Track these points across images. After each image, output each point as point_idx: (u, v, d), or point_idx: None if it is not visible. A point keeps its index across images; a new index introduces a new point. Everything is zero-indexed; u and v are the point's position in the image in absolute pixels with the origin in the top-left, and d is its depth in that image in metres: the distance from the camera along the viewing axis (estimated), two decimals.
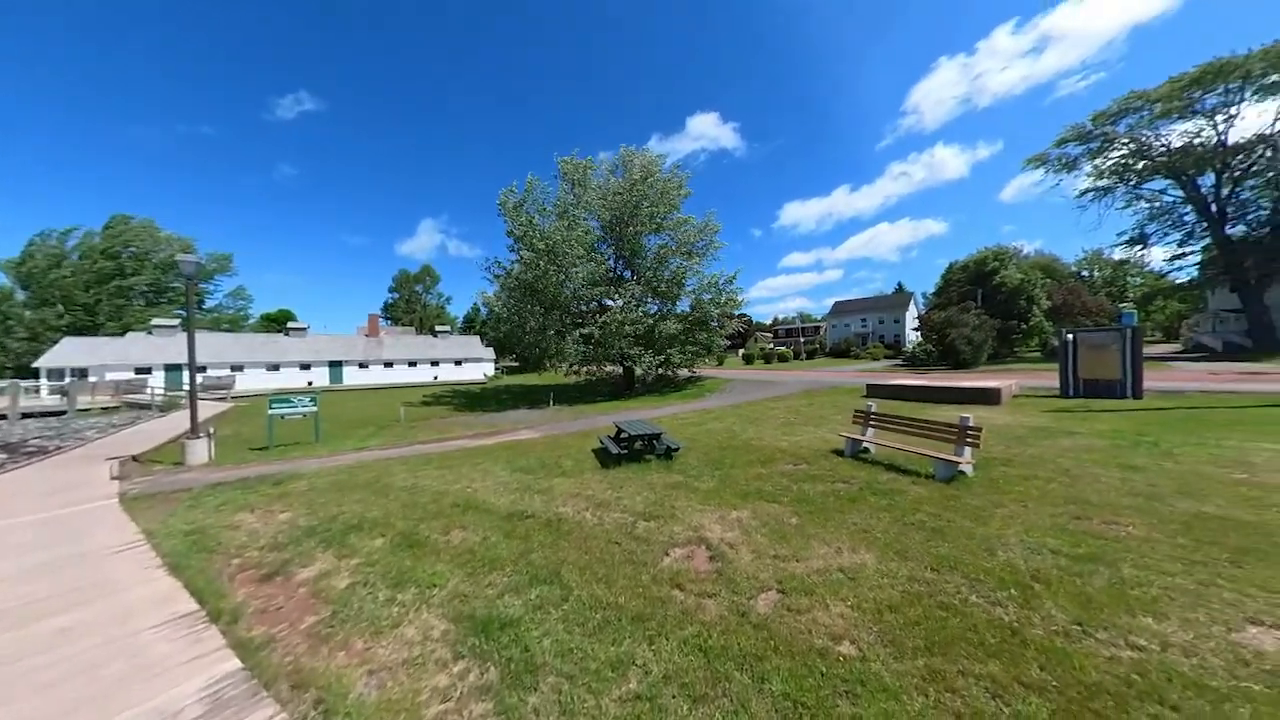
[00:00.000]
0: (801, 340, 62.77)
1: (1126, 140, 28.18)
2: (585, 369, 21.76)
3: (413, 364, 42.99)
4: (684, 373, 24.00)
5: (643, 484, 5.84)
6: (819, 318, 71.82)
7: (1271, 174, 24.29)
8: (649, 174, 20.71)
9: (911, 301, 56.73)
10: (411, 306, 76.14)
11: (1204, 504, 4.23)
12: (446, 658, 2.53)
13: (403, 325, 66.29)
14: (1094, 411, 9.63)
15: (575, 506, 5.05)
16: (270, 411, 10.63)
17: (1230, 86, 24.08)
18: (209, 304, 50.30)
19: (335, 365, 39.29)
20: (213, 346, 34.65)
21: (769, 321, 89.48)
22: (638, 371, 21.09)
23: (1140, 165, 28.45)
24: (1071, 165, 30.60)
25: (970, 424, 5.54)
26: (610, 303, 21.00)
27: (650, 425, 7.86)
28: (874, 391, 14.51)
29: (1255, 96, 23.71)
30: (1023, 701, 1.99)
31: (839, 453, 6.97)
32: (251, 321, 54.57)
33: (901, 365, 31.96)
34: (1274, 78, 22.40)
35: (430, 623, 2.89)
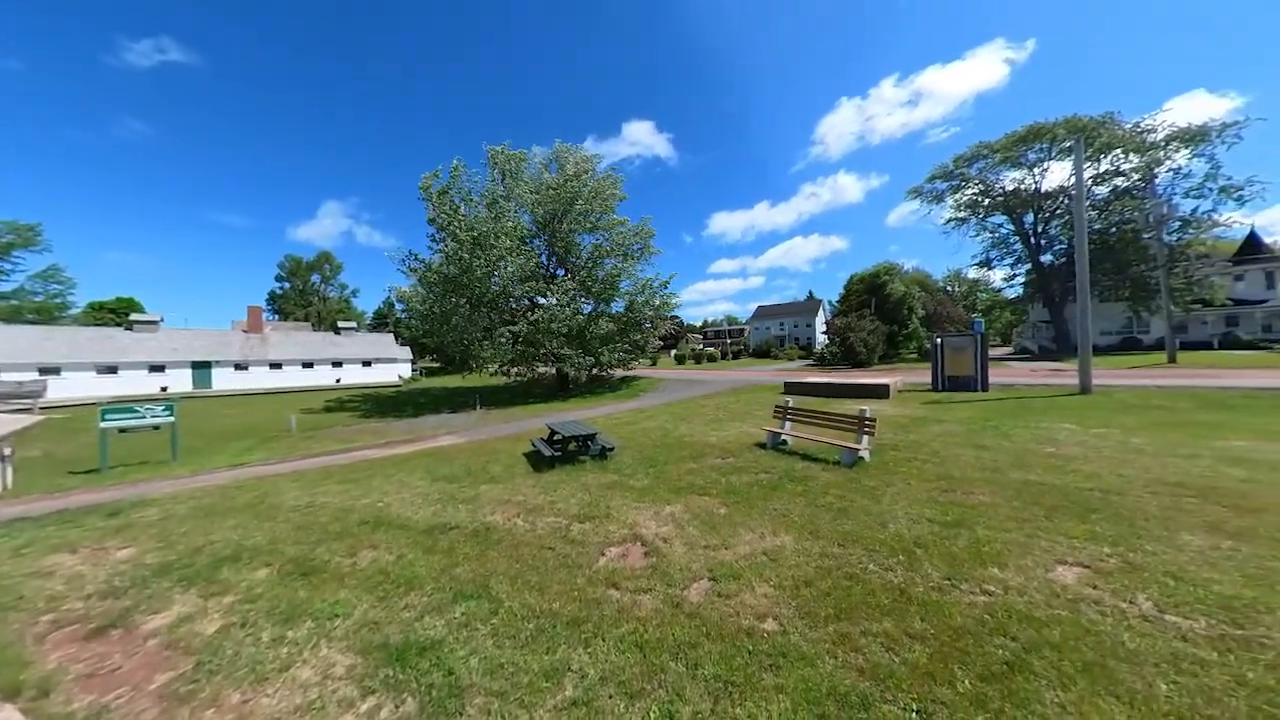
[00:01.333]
0: (728, 341, 66.91)
1: (976, 181, 34.79)
2: (516, 369, 20.82)
3: (309, 365, 37.38)
4: (618, 373, 24.12)
5: (577, 486, 5.74)
6: (743, 321, 77.14)
7: (1067, 216, 31.60)
8: (583, 171, 20.47)
9: (821, 308, 63.52)
10: (307, 299, 66.23)
11: (1029, 473, 5.34)
12: (353, 696, 2.23)
13: (296, 320, 57.31)
14: (955, 402, 11.64)
15: (505, 514, 4.79)
16: (102, 425, 8.46)
17: (1043, 146, 30.92)
18: (3, 287, 38.56)
19: (202, 367, 32.67)
20: (10, 342, 26.75)
21: (699, 324, 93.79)
22: (571, 372, 20.72)
23: (986, 202, 35.18)
24: (939, 198, 36.89)
25: (868, 415, 6.36)
26: (543, 300, 20.35)
27: (584, 426, 7.76)
28: (791, 389, 15.95)
29: (1059, 156, 30.73)
30: (909, 650, 2.32)
31: (762, 445, 7.53)
32: (75, 311, 43.05)
33: (813, 365, 35.61)
34: (1068, 143, 29.17)
35: (331, 659, 2.52)
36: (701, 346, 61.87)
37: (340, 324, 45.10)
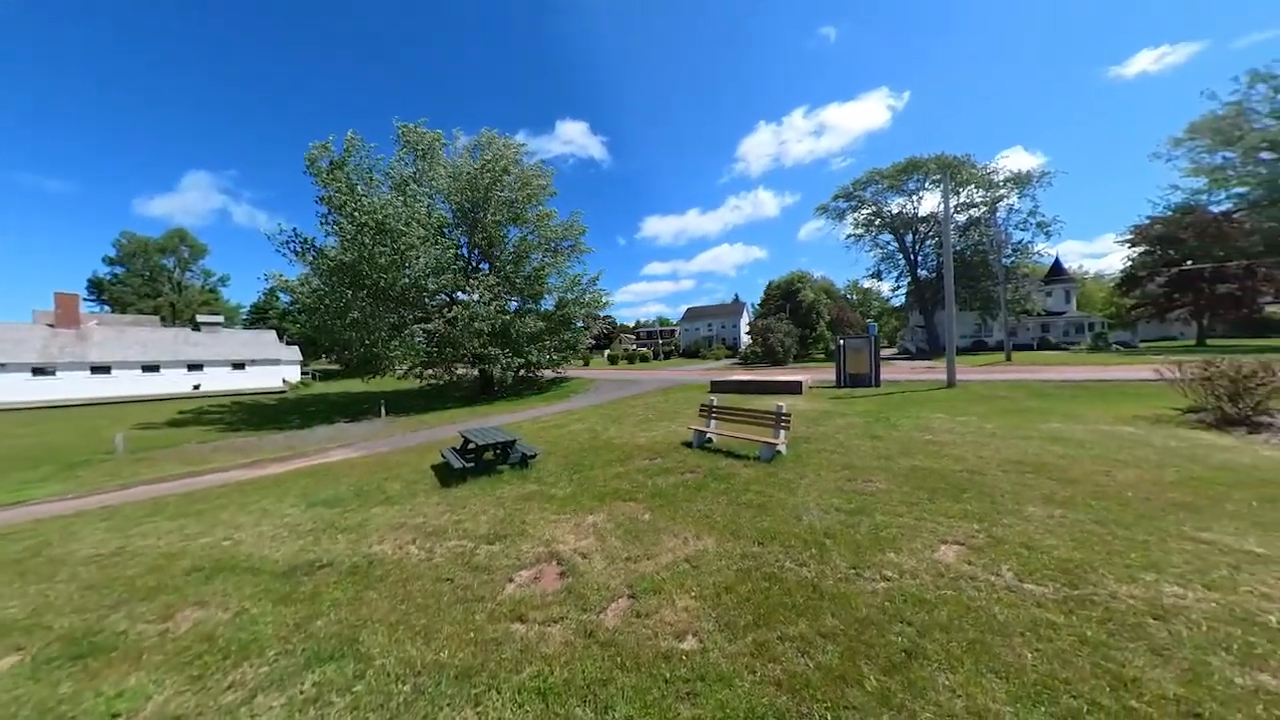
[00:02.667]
0: (660, 342, 68.45)
1: (870, 204, 40.01)
2: (431, 371, 18.88)
3: (152, 369, 30.25)
4: (548, 374, 23.16)
5: (490, 500, 5.17)
6: (675, 322, 79.61)
7: (937, 238, 37.63)
8: (510, 160, 19.25)
9: (744, 310, 67.90)
10: (155, 287, 53.93)
11: (914, 460, 6.00)
12: None
13: (141, 314, 46.16)
14: (855, 397, 12.99)
15: (398, 541, 4.09)
16: None
17: (919, 177, 36.51)
18: None
19: None
20: None
21: (632, 324, 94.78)
22: (495, 373, 19.36)
23: (877, 222, 40.55)
24: (840, 216, 41.81)
25: (784, 411, 6.67)
26: (463, 296, 18.73)
27: (503, 432, 7.12)
28: (717, 387, 16.59)
29: (930, 186, 36.49)
30: (822, 651, 2.30)
31: (688, 444, 7.57)
32: None
33: (738, 363, 37.80)
34: (938, 176, 34.78)
35: None
36: (635, 346, 62.49)
37: (203, 318, 37.23)
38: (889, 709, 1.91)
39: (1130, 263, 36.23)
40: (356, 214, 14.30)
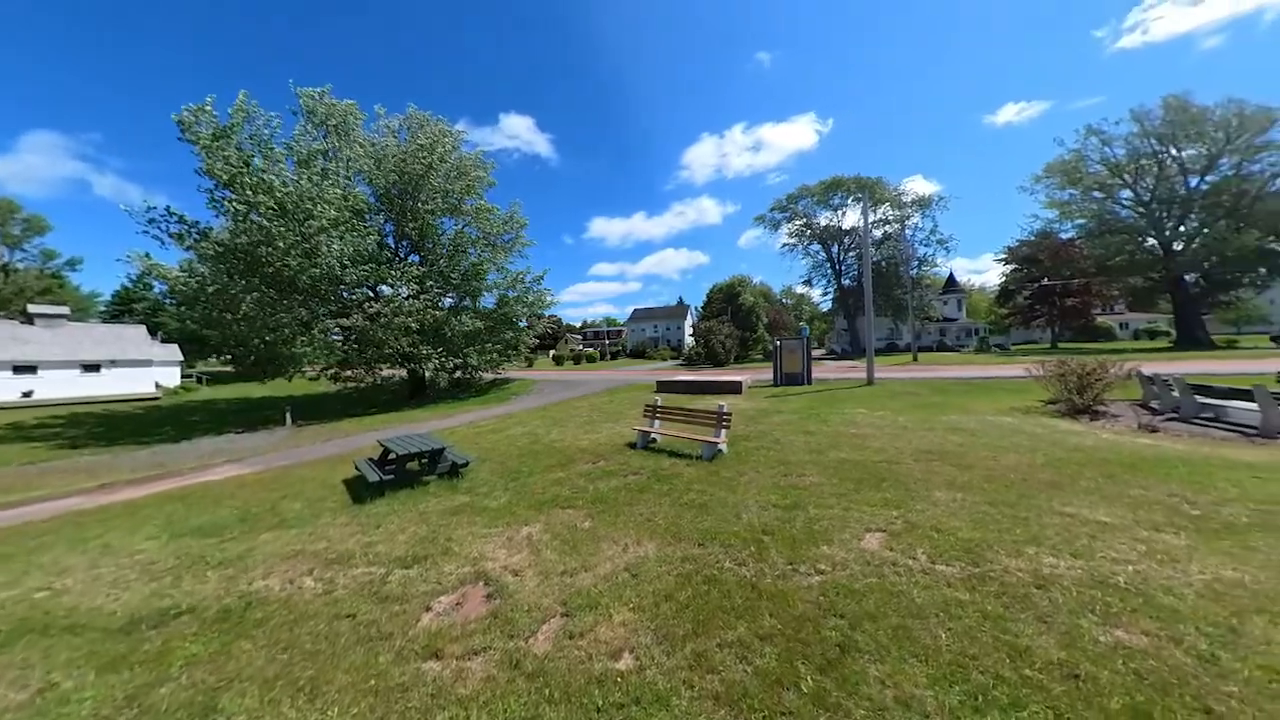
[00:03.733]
0: (607, 342, 68.11)
1: (802, 216, 43.34)
2: (350, 373, 16.91)
3: None
4: (488, 375, 21.88)
5: (412, 516, 4.63)
6: (622, 323, 79.66)
7: (857, 250, 41.62)
8: (446, 146, 17.84)
9: (689, 313, 69.81)
10: None
11: (842, 452, 6.42)
12: None
13: None
14: (790, 395, 13.81)
15: (289, 574, 3.47)
16: None
17: (843, 194, 40.19)
18: None
19: None
20: None
21: (579, 324, 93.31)
22: (428, 375, 17.85)
23: (808, 233, 43.94)
24: (776, 226, 44.76)
25: (725, 410, 6.81)
26: (388, 289, 17.02)
27: (431, 439, 6.48)
28: (663, 387, 16.75)
29: (852, 203, 40.26)
30: (760, 655, 2.27)
31: (633, 445, 7.46)
32: None
33: (682, 364, 38.70)
34: (857, 195, 38.53)
35: None
36: (581, 347, 61.50)
37: (37, 309, 30.03)
38: (825, 710, 1.91)
39: (1004, 278, 42.95)
40: (256, 192, 12.33)
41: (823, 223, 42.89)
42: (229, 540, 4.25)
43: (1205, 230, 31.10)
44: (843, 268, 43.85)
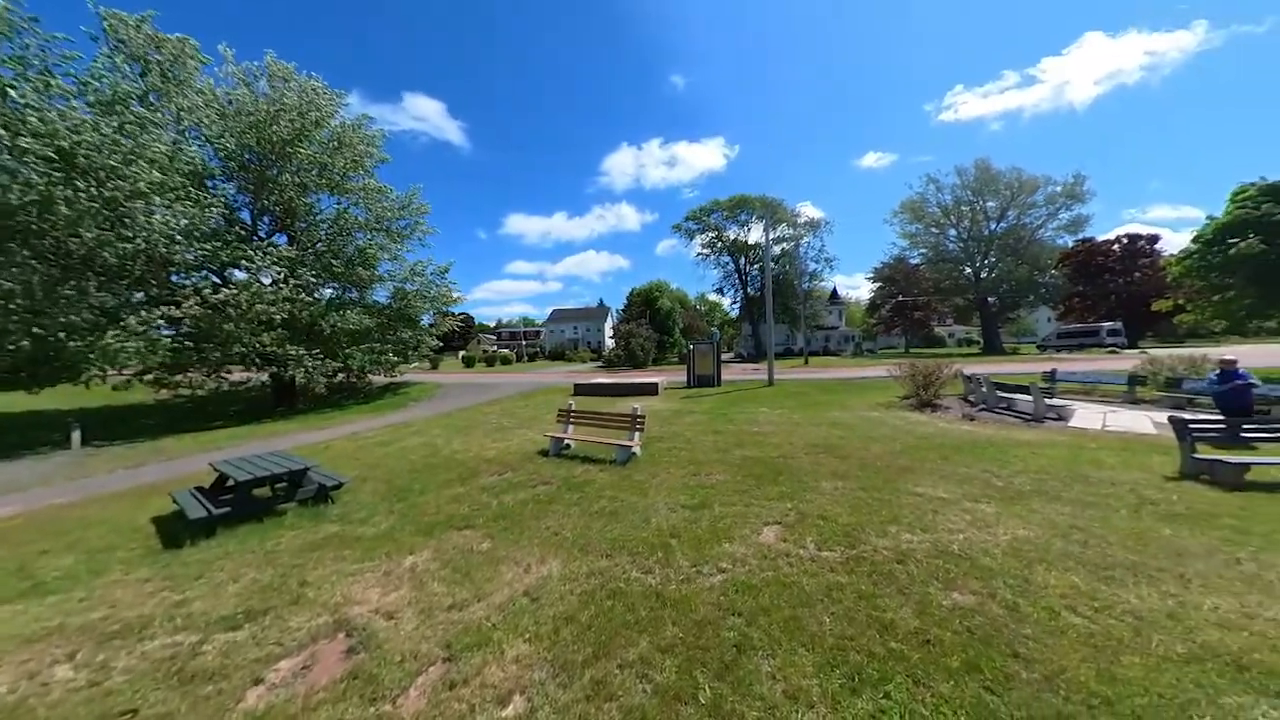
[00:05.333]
0: (524, 343, 64.94)
1: (714, 229, 46.44)
2: (183, 376, 13.37)
3: None
4: (381, 379, 19.19)
5: (254, 558, 3.69)
6: (540, 323, 76.74)
7: (759, 263, 46.05)
8: (325, 110, 15.17)
9: (609, 315, 70.09)
10: None
11: (746, 450, 6.85)
12: None
13: None
14: (703, 396, 14.53)
15: (30, 665, 2.45)
16: None
17: (748, 212, 44.07)
18: None
19: None
20: None
21: (493, 324, 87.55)
22: (298, 379, 14.95)
23: (719, 245, 47.25)
24: (691, 236, 47.38)
25: (639, 413, 6.80)
26: (242, 274, 13.88)
27: (291, 458, 5.32)
28: (580, 390, 16.38)
29: (756, 220, 44.37)
30: (660, 670, 2.18)
31: (545, 453, 7.05)
32: None
33: (601, 366, 38.55)
34: (760, 213, 42.70)
35: None
36: (495, 348, 57.72)
37: None
38: (718, 717, 1.88)
39: (872, 294, 51.32)
40: (6, 130, 9.02)
41: (732, 236, 46.60)
42: None
43: (999, 264, 41.04)
44: (748, 278, 48.11)
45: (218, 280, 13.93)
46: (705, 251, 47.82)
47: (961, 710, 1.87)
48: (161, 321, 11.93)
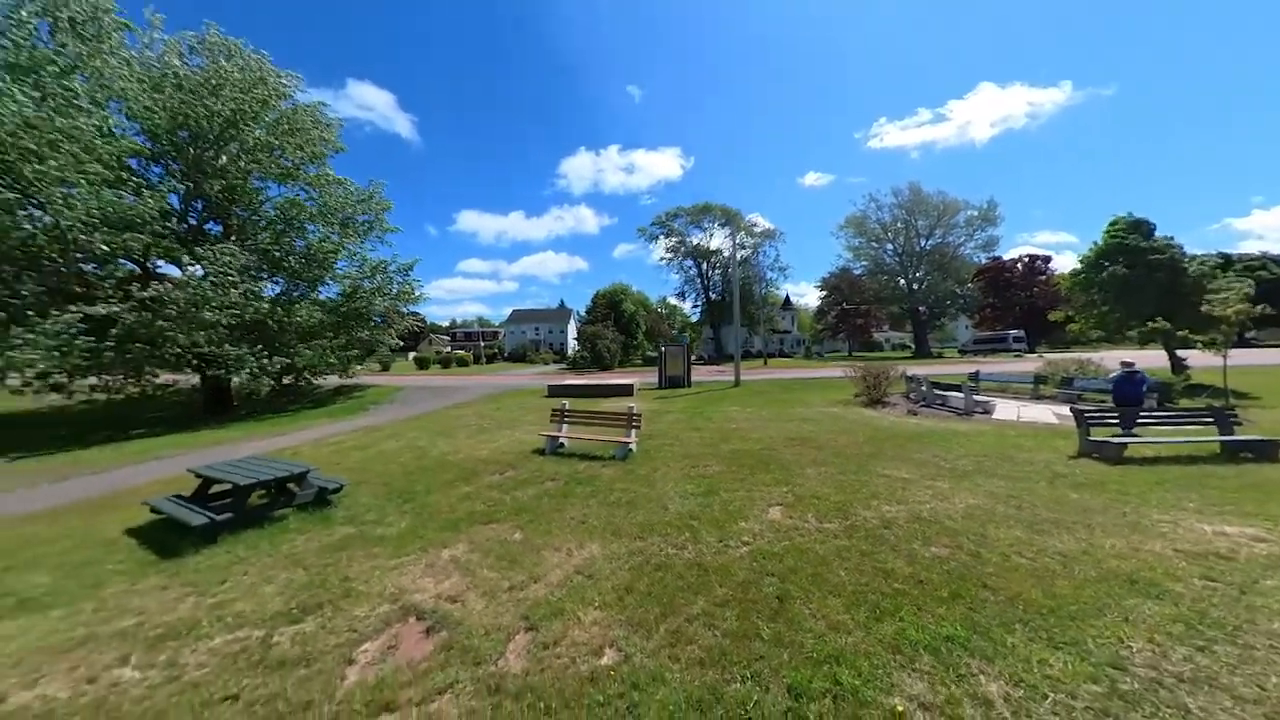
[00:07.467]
0: (482, 344, 62.47)
1: (677, 234, 47.79)
2: (99, 380, 11.71)
3: None
4: (332, 381, 17.87)
5: (275, 561, 3.61)
6: (498, 324, 74.21)
7: (720, 269, 48.04)
8: (273, 91, 13.98)
9: (571, 317, 69.37)
10: None
11: (732, 444, 7.44)
12: None
13: None
14: (676, 396, 15.13)
15: (82, 671, 2.36)
16: None
17: (711, 219, 45.89)
18: None
19: None
20: None
21: (446, 324, 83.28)
22: (238, 381, 13.59)
23: (682, 250, 48.66)
24: (655, 239, 48.38)
25: (636, 411, 7.18)
26: (179, 271, 12.44)
27: (279, 462, 5.10)
28: (555, 391, 16.36)
29: (718, 227, 46.30)
30: (722, 620, 2.59)
31: (540, 452, 7.19)
32: None
33: (566, 368, 38.21)
34: (721, 220, 44.68)
35: None
36: (450, 349, 55.07)
37: None
38: (785, 646, 2.33)
39: (820, 301, 55.28)
40: None
41: (695, 241, 48.24)
42: None
43: (928, 277, 46.12)
44: (710, 283, 49.99)
45: (142, 273, 12.38)
46: (669, 256, 49.08)
47: (956, 624, 2.46)
48: (75, 320, 10.42)
